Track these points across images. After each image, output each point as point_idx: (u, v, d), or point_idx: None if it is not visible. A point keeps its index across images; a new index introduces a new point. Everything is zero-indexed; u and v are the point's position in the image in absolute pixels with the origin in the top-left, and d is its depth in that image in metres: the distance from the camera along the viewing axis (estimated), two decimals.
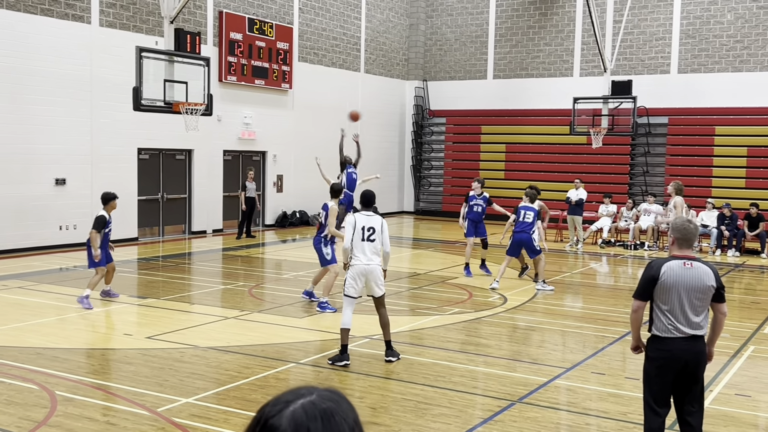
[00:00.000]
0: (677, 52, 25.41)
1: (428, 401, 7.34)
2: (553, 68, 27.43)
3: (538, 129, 27.33)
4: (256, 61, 22.89)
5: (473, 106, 28.67)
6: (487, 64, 28.68)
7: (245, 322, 10.78)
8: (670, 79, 25.46)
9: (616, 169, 26.16)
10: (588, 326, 11.03)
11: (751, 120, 24.24)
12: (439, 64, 29.72)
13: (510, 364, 8.83)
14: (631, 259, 19.00)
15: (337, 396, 1.39)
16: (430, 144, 30.01)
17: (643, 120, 24.82)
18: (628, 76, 24.46)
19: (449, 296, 13.12)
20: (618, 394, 7.77)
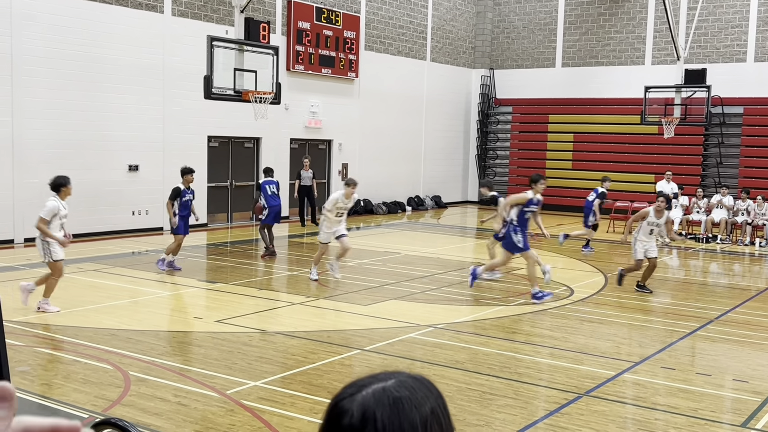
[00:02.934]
0: (754, 39, 24.53)
1: (493, 391, 7.32)
2: (624, 56, 26.82)
3: (607, 118, 26.79)
4: (323, 50, 23.05)
5: (540, 94, 28.27)
6: (555, 52, 28.23)
7: (311, 308, 10.92)
8: (746, 68, 24.61)
9: (688, 160, 25.47)
10: (657, 320, 10.80)
11: None
12: (506, 52, 29.38)
13: (576, 356, 8.72)
14: (702, 253, 18.50)
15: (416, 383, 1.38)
16: (496, 133, 29.74)
17: (717, 110, 24.08)
18: (702, 64, 23.73)
19: (514, 287, 13.02)
20: (688, 389, 7.60)
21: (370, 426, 1.31)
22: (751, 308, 11.79)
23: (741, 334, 10.01)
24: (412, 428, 1.32)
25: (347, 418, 1.33)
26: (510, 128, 29.35)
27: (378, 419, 1.31)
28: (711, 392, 7.55)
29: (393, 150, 26.07)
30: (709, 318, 10.88)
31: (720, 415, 6.96)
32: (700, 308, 11.69)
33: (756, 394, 7.44)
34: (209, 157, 20.35)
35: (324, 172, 24.06)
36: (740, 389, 7.66)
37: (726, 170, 24.84)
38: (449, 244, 18.84)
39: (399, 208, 26.19)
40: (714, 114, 23.69)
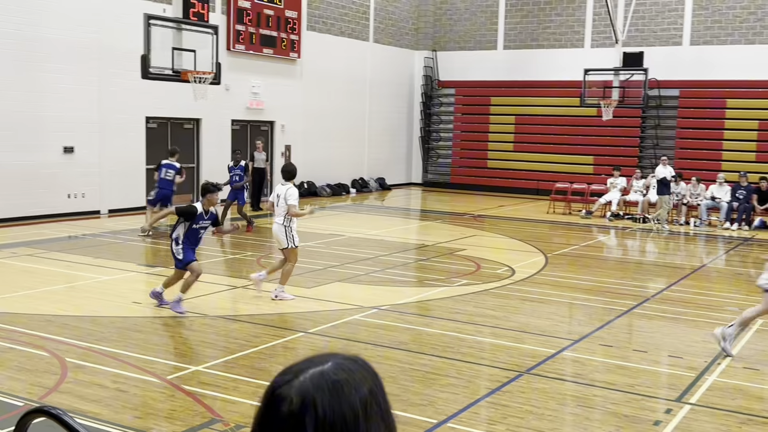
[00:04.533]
0: (690, 23, 25.11)
1: (436, 371, 7.37)
2: (563, 39, 27.16)
3: (548, 101, 27.14)
4: (265, 30, 22.73)
5: (483, 77, 28.45)
6: (497, 35, 28.42)
7: (254, 292, 10.81)
8: (682, 51, 25.19)
9: (626, 141, 26.00)
10: (595, 299, 11.02)
11: (764, 93, 24.00)
12: (448, 34, 29.45)
13: (518, 335, 8.84)
14: (639, 233, 18.95)
15: (353, 365, 1.36)
16: (439, 115, 29.86)
17: (654, 92, 24.61)
18: (640, 47, 24.19)
19: (457, 268, 13.13)
20: (625, 366, 7.78)
21: (311, 411, 1.28)
22: (686, 286, 12.13)
23: (676, 312, 10.29)
24: (353, 411, 1.30)
25: (286, 405, 1.30)
26: (453, 110, 29.50)
27: (318, 404, 1.29)
28: (647, 368, 7.75)
29: (337, 132, 25.95)
30: (645, 296, 11.16)
31: (656, 390, 7.15)
32: (637, 287, 11.97)
33: (690, 369, 7.66)
34: (148, 138, 19.92)
35: (267, 154, 23.80)
36: (675, 365, 7.88)
37: (662, 152, 25.40)
38: (393, 226, 18.89)
39: (343, 190, 26.13)
40: (651, 96, 24.20)
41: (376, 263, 13.34)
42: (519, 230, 18.23)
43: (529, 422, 6.13)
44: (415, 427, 5.98)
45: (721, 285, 12.92)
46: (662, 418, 6.29)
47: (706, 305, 10.79)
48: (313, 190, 24.87)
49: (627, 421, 6.20)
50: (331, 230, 17.18)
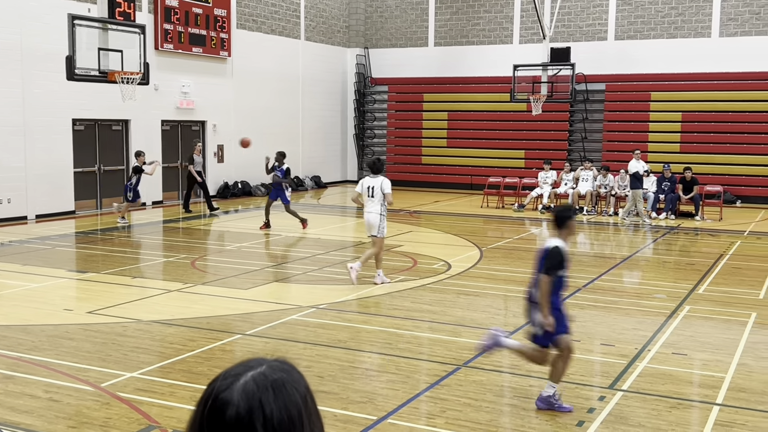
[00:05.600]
0: (614, 18, 25.77)
1: (376, 368, 7.41)
2: (493, 35, 27.54)
3: (479, 96, 27.49)
4: (194, 29, 22.39)
5: (415, 73, 28.64)
6: (428, 32, 28.63)
7: (189, 295, 10.67)
8: (608, 46, 25.84)
9: (555, 135, 26.54)
10: None
11: (686, 86, 24.82)
12: (380, 31, 29.54)
13: (455, 329, 8.95)
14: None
15: (287, 365, 1.38)
16: (373, 112, 29.93)
17: (581, 87, 25.18)
18: (567, 43, 24.71)
19: (394, 264, 13.20)
20: None
21: (258, 413, 1.29)
22: (616, 275, 12.47)
23: (607, 301, 10.57)
24: (297, 408, 1.32)
25: (232, 409, 1.29)
26: (386, 107, 29.61)
27: (265, 405, 1.29)
28: (581, 357, 7.94)
29: (270, 130, 25.73)
30: (577, 286, 11.42)
31: (589, 378, 7.34)
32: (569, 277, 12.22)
33: (622, 356, 7.88)
34: (75, 141, 19.41)
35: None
36: (607, 353, 8.10)
37: (591, 145, 26.06)
38: (330, 224, 18.86)
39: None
40: (578, 91, 24.75)
41: (314, 262, 13.30)
42: (454, 225, 18.42)
43: (468, 414, 6.22)
44: (356, 425, 6.00)
45: (649, 273, 13.32)
46: (596, 405, 6.46)
47: (636, 293, 11.12)
48: (247, 189, 24.63)
49: None
50: (267, 230, 17.05)
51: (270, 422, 1.28)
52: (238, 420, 1.28)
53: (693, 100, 24.63)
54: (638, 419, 6.16)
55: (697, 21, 24.73)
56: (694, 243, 16.81)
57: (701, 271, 12.74)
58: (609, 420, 6.14)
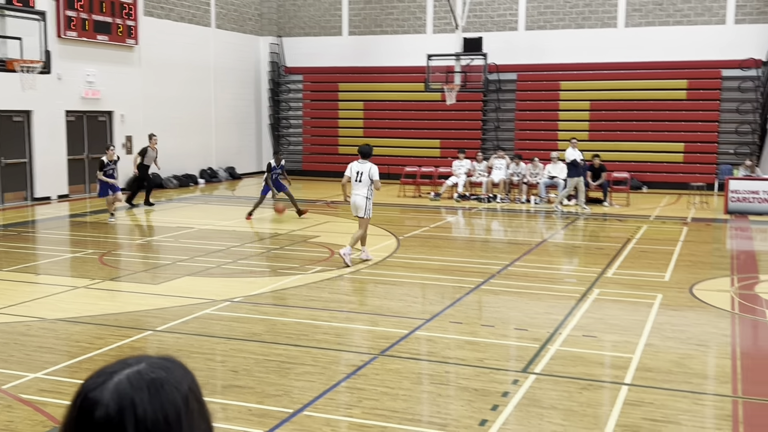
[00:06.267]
0: (524, 9, 26.23)
1: (292, 360, 7.31)
2: (406, 25, 27.63)
3: (394, 86, 27.56)
4: (98, 16, 21.61)
5: (330, 63, 28.47)
6: (341, 20, 28.49)
7: (96, 291, 10.30)
8: (518, 36, 26.28)
9: (469, 125, 26.87)
10: (445, 278, 11.33)
11: (593, 75, 25.51)
12: (293, 19, 29.22)
13: (372, 318, 8.93)
14: (485, 212, 19.66)
15: (169, 363, 1.29)
16: (288, 102, 29.61)
17: (493, 76, 25.56)
18: (479, 33, 25.02)
19: (311, 255, 13.09)
20: (474, 341, 8.05)
21: (129, 414, 1.20)
22: (529, 261, 12.71)
23: (520, 286, 10.76)
24: (175, 409, 1.23)
25: (101, 409, 1.20)
26: (302, 97, 29.34)
27: (138, 405, 1.21)
28: (495, 342, 8.05)
29: (181, 120, 25.13)
30: (491, 273, 11.59)
31: (504, 362, 7.44)
32: (483, 264, 12.41)
33: (534, 340, 8.02)
34: None
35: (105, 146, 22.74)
36: (521, 337, 8.23)
37: (503, 134, 26.51)
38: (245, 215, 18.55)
39: (191, 181, 25.39)
40: (491, 80, 25.14)
41: (228, 255, 13.06)
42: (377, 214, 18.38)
43: (384, 403, 6.20)
44: (272, 419, 5.90)
45: (560, 258, 13.64)
46: (510, 389, 6.55)
47: (548, 278, 11.35)
48: (158, 182, 23.99)
49: (477, 395, 6.41)
50: (179, 223, 16.66)
51: (143, 424, 1.19)
52: (108, 421, 1.19)
53: (601, 89, 25.34)
54: (551, 401, 6.27)
55: (603, 12, 25.42)
56: (602, 228, 17.31)
57: (610, 255, 13.12)
58: (522, 403, 6.23)
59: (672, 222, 17.54)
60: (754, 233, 16.29)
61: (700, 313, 9.27)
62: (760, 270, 12.15)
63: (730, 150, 24.15)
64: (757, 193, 18.73)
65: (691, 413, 6.07)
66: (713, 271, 11.98)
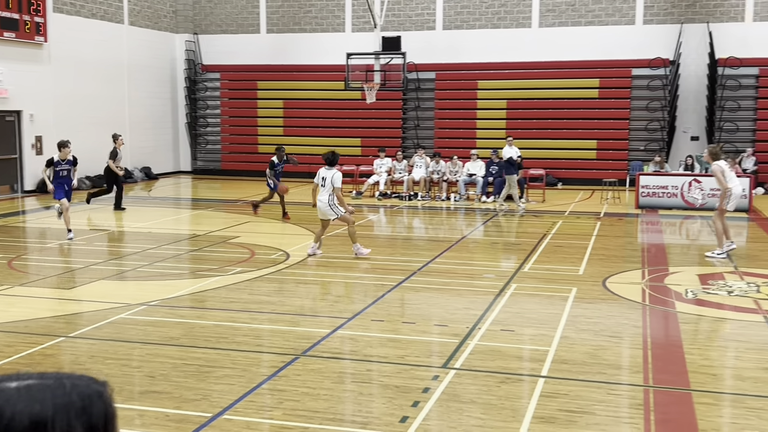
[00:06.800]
0: (441, 9, 26.52)
1: (210, 364, 7.19)
2: (325, 23, 27.56)
3: (314, 84, 27.46)
4: (4, 12, 20.77)
5: (248, 60, 28.14)
6: (259, 18, 28.20)
7: (5, 298, 9.89)
8: (436, 36, 26.56)
9: (389, 123, 27.00)
10: (367, 276, 11.36)
11: (510, 74, 26.00)
12: (209, 16, 28.75)
13: (293, 319, 8.87)
14: (406, 210, 19.80)
15: (41, 383, 1.22)
16: (205, 100, 29.13)
17: (413, 75, 25.77)
18: (398, 32, 25.17)
19: (231, 256, 12.91)
20: (396, 338, 8.09)
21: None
22: (449, 258, 12.86)
23: (441, 282, 10.87)
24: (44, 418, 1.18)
25: None
26: (219, 95, 28.91)
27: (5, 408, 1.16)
28: (416, 339, 8.11)
29: (94, 120, 24.39)
30: (413, 270, 11.67)
31: (424, 359, 7.50)
32: (405, 261, 12.49)
33: (454, 336, 8.12)
34: None
35: (14, 146, 21.88)
36: (441, 333, 8.32)
37: (423, 132, 26.75)
38: (162, 217, 18.17)
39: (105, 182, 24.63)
40: (410, 79, 25.33)
41: (144, 257, 12.75)
42: (293, 214, 18.28)
43: (306, 404, 6.17)
44: (190, 423, 5.79)
45: (479, 254, 13.85)
46: (430, 384, 6.61)
47: (467, 274, 11.51)
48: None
49: (398, 392, 6.44)
50: (93, 225, 16.17)
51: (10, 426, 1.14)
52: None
53: (517, 88, 25.85)
54: (470, 396, 6.36)
55: (518, 12, 25.94)
56: (520, 224, 17.67)
57: (526, 251, 13.40)
58: (442, 398, 6.29)
59: (586, 217, 18.05)
60: (663, 227, 16.92)
61: (612, 306, 9.56)
62: (670, 262, 12.63)
63: (641, 147, 25.02)
64: (666, 188, 19.45)
65: (605, 403, 6.25)
66: (625, 264, 12.39)
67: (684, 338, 8.15)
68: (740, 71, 24.21)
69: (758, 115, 24.36)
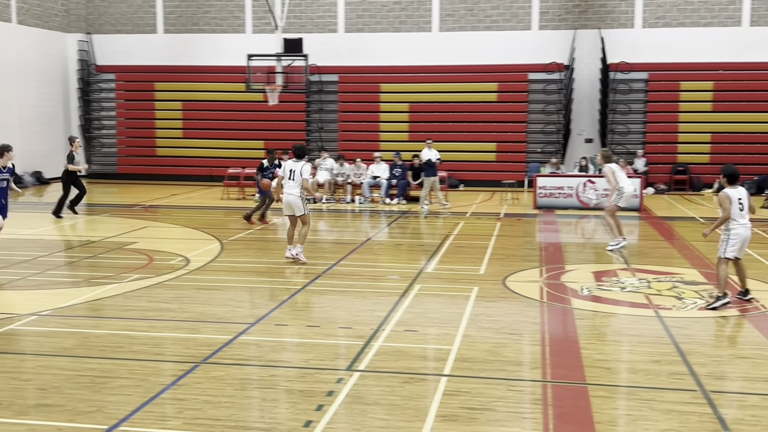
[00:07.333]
0: (343, 11, 26.56)
1: (106, 374, 6.93)
2: (225, 24, 27.13)
3: (215, 86, 27.00)
4: None
5: (145, 61, 27.39)
6: (156, 18, 27.49)
7: None
8: (339, 38, 26.58)
9: (293, 126, 26.82)
10: (271, 280, 11.22)
11: (411, 77, 26.27)
12: (104, 15, 27.82)
13: (194, 326, 8.66)
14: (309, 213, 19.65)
15: None
16: (100, 102, 28.16)
17: (315, 78, 25.69)
18: (299, 34, 25.02)
19: (128, 263, 12.50)
20: (300, 342, 8.02)
21: None
22: (354, 260, 12.86)
23: (346, 285, 10.85)
24: None
25: None
26: (115, 96, 28.01)
27: None
28: (321, 342, 8.06)
29: None
30: (317, 273, 11.61)
31: (329, 362, 7.46)
32: (309, 264, 12.40)
33: (359, 338, 8.12)
34: None
35: None
36: (346, 335, 8.30)
37: (327, 135, 26.70)
38: (54, 223, 17.42)
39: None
40: (313, 82, 25.24)
41: (35, 265, 12.18)
42: (193, 218, 17.93)
43: (207, 412, 6.03)
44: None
45: (383, 256, 13.92)
46: (335, 388, 6.58)
47: (372, 276, 11.54)
48: None
49: (302, 396, 6.38)
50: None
51: None
52: None
53: (418, 91, 26.15)
54: (374, 397, 6.36)
55: (419, 16, 26.26)
56: (423, 225, 17.86)
57: (430, 252, 13.56)
58: (347, 401, 6.27)
59: (486, 218, 18.42)
60: (560, 226, 17.46)
61: (512, 304, 9.78)
62: (566, 261, 13.04)
63: (538, 149, 25.75)
64: (562, 188, 20.09)
65: (506, 399, 6.38)
66: (524, 263, 12.70)
67: (580, 334, 8.42)
68: (631, 76, 25.28)
69: (648, 118, 25.49)
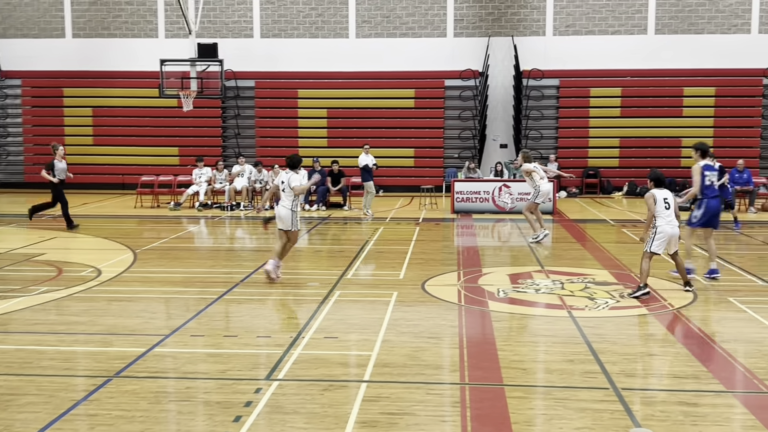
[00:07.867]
0: (259, 17, 26.34)
1: (12, 391, 6.63)
2: (137, 29, 26.51)
3: (126, 92, 26.35)
4: None
5: (53, 66, 26.51)
6: (64, 22, 26.64)
7: None
8: (255, 44, 26.35)
9: (209, 132, 26.43)
10: (187, 290, 10.99)
11: (329, 84, 26.27)
12: (8, 19, 26.78)
13: (106, 339, 8.39)
14: (228, 220, 19.41)
15: None
16: (5, 108, 27.08)
17: (231, 83, 25.38)
18: (214, 39, 24.69)
19: (36, 275, 12.02)
20: (217, 353, 7.87)
21: None
22: None
23: (264, 293, 10.72)
24: None
25: None
26: (21, 103, 26.98)
27: None
28: (239, 352, 7.93)
29: None
30: (235, 281, 11.43)
31: (247, 372, 7.34)
32: (227, 273, 12.21)
33: (278, 346, 8.02)
34: None
35: None
36: (265, 344, 8.19)
37: (244, 141, 26.40)
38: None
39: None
40: (229, 87, 24.94)
41: None
42: (105, 228, 17.41)
43: (120, 427, 5.84)
44: None
45: (303, 262, 13.82)
46: (253, 398, 6.48)
47: (291, 283, 11.44)
48: None
49: (220, 408, 6.26)
50: None
51: None
52: None
53: (336, 97, 26.16)
54: (293, 406, 6.29)
55: (335, 22, 26.28)
56: (343, 231, 17.85)
57: (350, 257, 13.54)
58: (265, 411, 6.19)
59: (406, 223, 18.55)
60: (477, 230, 17.73)
61: (431, 307, 9.86)
62: (483, 264, 13.24)
63: (455, 154, 26.11)
64: (478, 193, 20.41)
65: (425, 403, 6.41)
66: (442, 267, 12.83)
67: (497, 336, 8.55)
68: (543, 82, 25.93)
69: (560, 123, 26.19)
